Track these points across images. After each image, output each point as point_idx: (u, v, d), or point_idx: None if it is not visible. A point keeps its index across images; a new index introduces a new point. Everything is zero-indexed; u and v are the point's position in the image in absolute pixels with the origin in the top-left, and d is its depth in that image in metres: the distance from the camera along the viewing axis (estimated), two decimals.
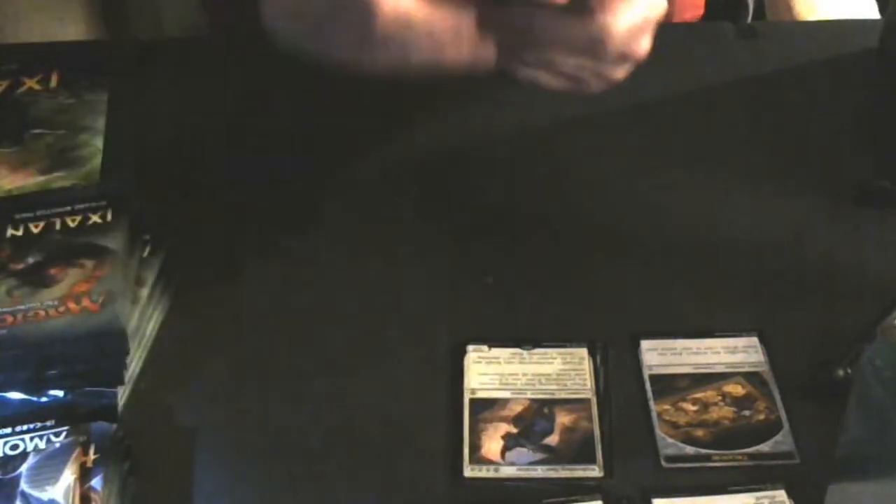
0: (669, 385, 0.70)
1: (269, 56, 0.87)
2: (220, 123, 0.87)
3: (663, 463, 0.66)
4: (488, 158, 0.84)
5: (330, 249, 0.78)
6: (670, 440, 0.67)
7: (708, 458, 0.66)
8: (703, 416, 0.68)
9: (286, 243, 0.78)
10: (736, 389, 0.70)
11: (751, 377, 0.70)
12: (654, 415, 0.68)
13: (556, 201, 0.82)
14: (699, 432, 0.67)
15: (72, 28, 1.14)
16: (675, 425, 0.68)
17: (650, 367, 0.71)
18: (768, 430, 0.67)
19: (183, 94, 0.89)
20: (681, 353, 0.72)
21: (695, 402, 0.69)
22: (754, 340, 0.72)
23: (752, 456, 0.66)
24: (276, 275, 0.77)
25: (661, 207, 0.80)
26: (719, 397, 0.69)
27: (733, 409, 0.69)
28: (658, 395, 0.69)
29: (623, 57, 0.66)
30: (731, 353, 0.71)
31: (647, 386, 0.70)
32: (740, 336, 0.72)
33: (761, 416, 0.68)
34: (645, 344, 0.72)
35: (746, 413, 0.68)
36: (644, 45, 0.67)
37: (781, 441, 0.66)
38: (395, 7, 0.62)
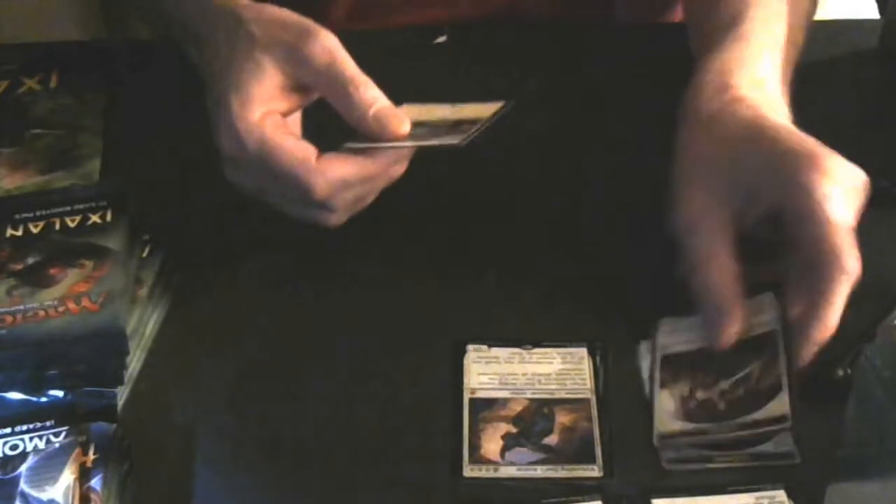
0: None
1: None
2: None
3: (664, 464, 0.66)
4: (489, 158, 0.84)
5: (329, 249, 0.78)
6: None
7: (708, 458, 0.66)
8: None
9: (286, 243, 0.78)
10: None
11: None
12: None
13: (556, 201, 0.82)
14: None
15: (72, 28, 1.15)
16: None
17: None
18: None
19: (182, 94, 0.89)
20: None
21: None
22: None
23: (752, 456, 0.66)
24: (276, 275, 0.77)
25: (661, 207, 0.80)
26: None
27: None
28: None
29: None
30: None
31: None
32: None
33: None
34: (645, 344, 0.72)
35: None
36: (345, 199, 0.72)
37: (781, 441, 0.66)
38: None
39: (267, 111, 0.71)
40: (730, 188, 0.70)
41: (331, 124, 0.72)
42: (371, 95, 0.71)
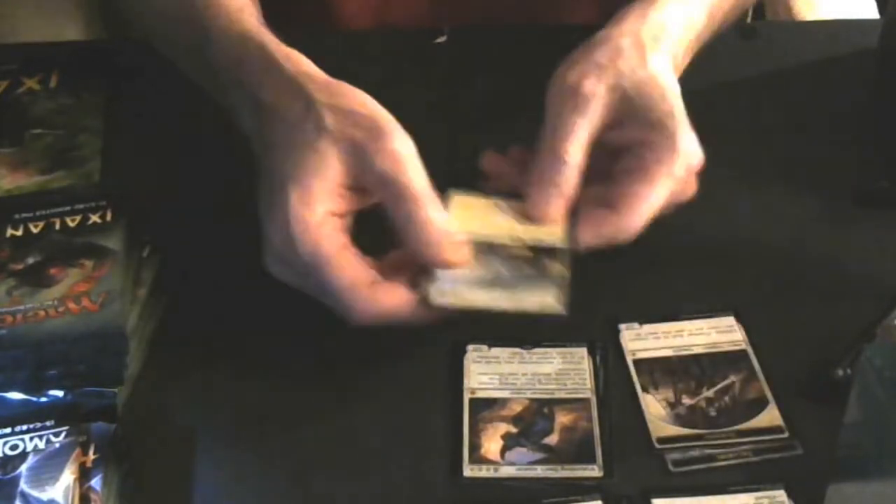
0: None
1: None
2: (219, 122, 0.86)
3: (670, 466, 0.65)
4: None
5: None
6: None
7: (712, 458, 0.66)
8: None
9: None
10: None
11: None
12: None
13: None
14: None
15: (72, 28, 1.15)
16: None
17: None
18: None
19: (183, 94, 0.89)
20: None
21: None
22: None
23: (754, 451, 0.66)
24: None
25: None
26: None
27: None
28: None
29: None
30: None
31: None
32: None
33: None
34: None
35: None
36: None
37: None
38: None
39: (326, 212, 0.66)
40: (609, 88, 0.72)
41: None
42: (437, 226, 0.66)
